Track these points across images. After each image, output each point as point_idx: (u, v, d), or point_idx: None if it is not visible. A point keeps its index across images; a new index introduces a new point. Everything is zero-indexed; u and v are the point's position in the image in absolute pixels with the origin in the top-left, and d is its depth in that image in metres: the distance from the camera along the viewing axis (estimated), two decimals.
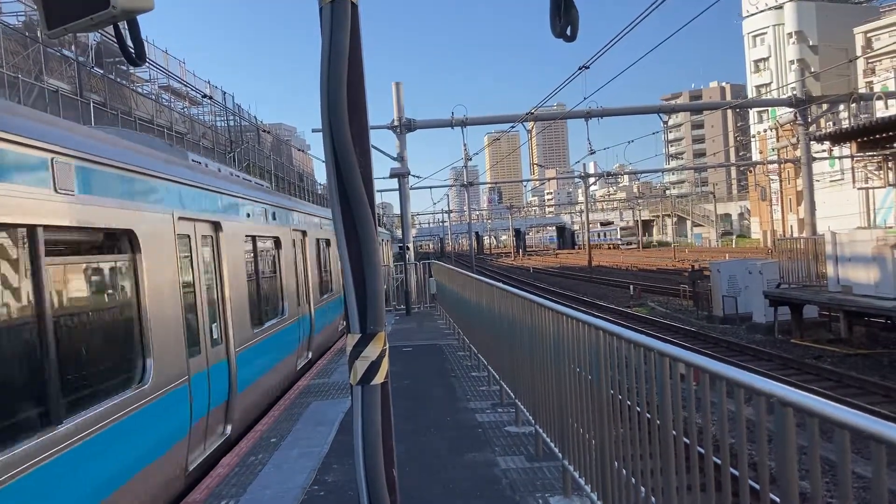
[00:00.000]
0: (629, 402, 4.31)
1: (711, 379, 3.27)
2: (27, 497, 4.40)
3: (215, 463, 7.81)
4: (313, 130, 27.10)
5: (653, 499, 3.99)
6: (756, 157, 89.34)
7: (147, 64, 30.06)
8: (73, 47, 29.41)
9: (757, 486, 3.05)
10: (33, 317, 4.79)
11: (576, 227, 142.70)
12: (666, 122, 32.48)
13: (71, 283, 5.57)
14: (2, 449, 4.26)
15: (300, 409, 9.98)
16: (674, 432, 3.65)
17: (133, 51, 3.54)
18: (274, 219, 12.35)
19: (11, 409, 4.55)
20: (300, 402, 10.52)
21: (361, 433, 2.99)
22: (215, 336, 8.49)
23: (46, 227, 4.97)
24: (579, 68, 18.46)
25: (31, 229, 4.83)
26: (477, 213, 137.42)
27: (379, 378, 3.07)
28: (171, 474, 6.78)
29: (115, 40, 3.63)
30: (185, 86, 37.32)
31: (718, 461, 3.39)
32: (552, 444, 6.30)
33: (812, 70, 71.34)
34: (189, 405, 7.27)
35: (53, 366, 4.84)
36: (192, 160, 10.20)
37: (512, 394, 8.38)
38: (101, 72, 31.65)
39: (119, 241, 6.28)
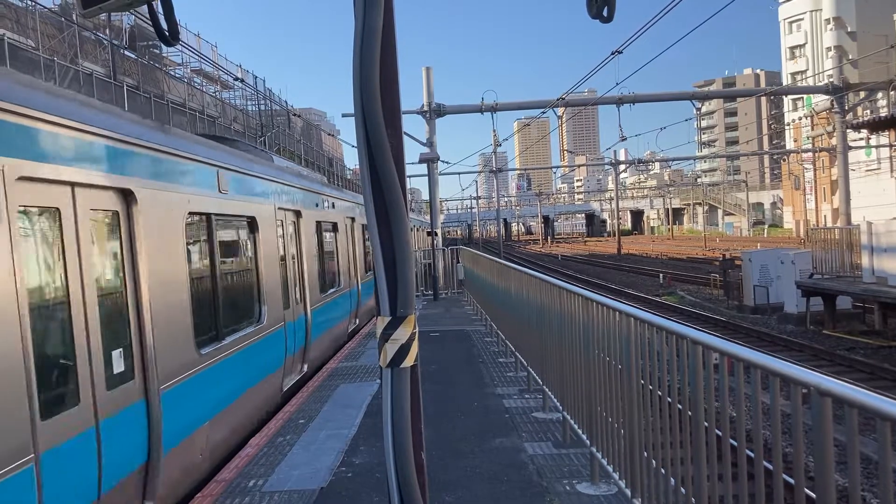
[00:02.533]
0: (660, 393, 4.27)
1: (746, 368, 3.22)
2: (223, 375, 7.43)
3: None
4: (343, 115, 27.13)
5: (682, 489, 3.96)
6: (790, 145, 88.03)
7: (180, 47, 30.31)
8: (107, 31, 29.70)
9: (791, 481, 3.00)
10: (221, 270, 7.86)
11: (605, 214, 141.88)
12: (699, 109, 32.11)
13: (228, 249, 8.51)
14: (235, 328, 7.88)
15: (328, 392, 10.04)
16: (705, 423, 3.60)
17: (167, 31, 3.56)
18: (332, 207, 14.98)
19: (230, 320, 7.93)
20: (328, 384, 10.58)
21: (391, 415, 2.99)
22: (297, 297, 11.15)
23: (216, 215, 7.74)
24: (612, 53, 18.27)
25: (208, 217, 7.57)
26: (505, 199, 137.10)
27: (408, 361, 3.07)
28: (275, 387, 9.69)
29: (149, 22, 3.65)
30: (218, 69, 37.54)
31: (751, 454, 3.34)
32: (580, 431, 6.27)
33: (850, 57, 69.94)
34: (284, 343, 9.97)
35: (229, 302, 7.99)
36: (276, 162, 12.50)
37: (539, 380, 8.36)
38: (135, 55, 31.95)
39: (249, 224, 9.01)
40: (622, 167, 74.06)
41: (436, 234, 24.46)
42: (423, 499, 3.01)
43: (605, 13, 3.28)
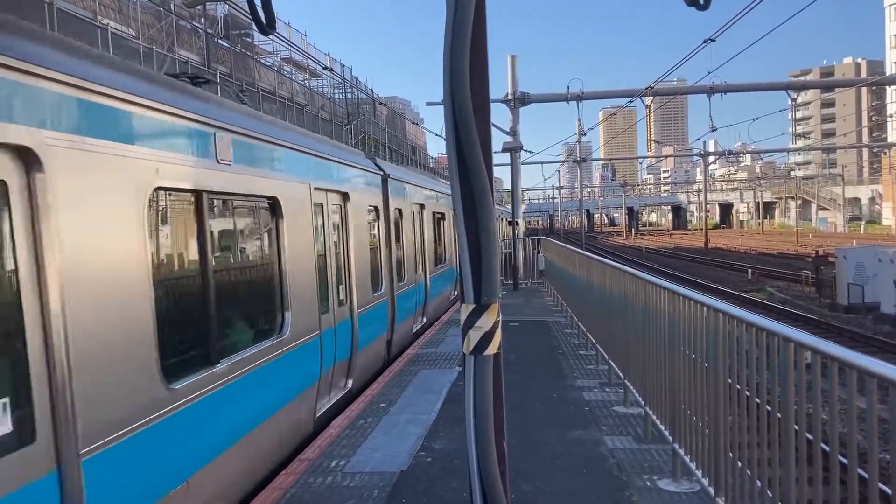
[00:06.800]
0: (748, 393, 4.15)
1: (839, 368, 3.10)
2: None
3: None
4: (427, 104, 27.25)
5: (769, 492, 3.85)
6: (892, 138, 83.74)
7: (271, 36, 31.01)
8: (202, 20, 30.66)
9: (888, 490, 2.88)
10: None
11: (692, 207, 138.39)
12: (794, 100, 30.89)
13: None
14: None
15: (409, 377, 10.17)
16: (795, 426, 3.49)
17: (264, 20, 3.67)
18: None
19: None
20: (409, 369, 10.72)
21: (473, 402, 3.02)
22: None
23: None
24: (704, 41, 17.74)
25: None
26: (588, 189, 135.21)
27: (492, 349, 3.09)
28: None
29: (243, 12, 3.76)
30: (307, 58, 38.27)
31: (844, 460, 3.22)
32: (662, 427, 6.17)
33: None
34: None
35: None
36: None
37: (621, 374, 8.25)
38: (228, 44, 32.88)
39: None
40: (711, 159, 72.01)
41: (517, 224, 24.38)
42: (504, 486, 3.03)
43: (701, 1, 3.20)
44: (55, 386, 3.80)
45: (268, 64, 37.93)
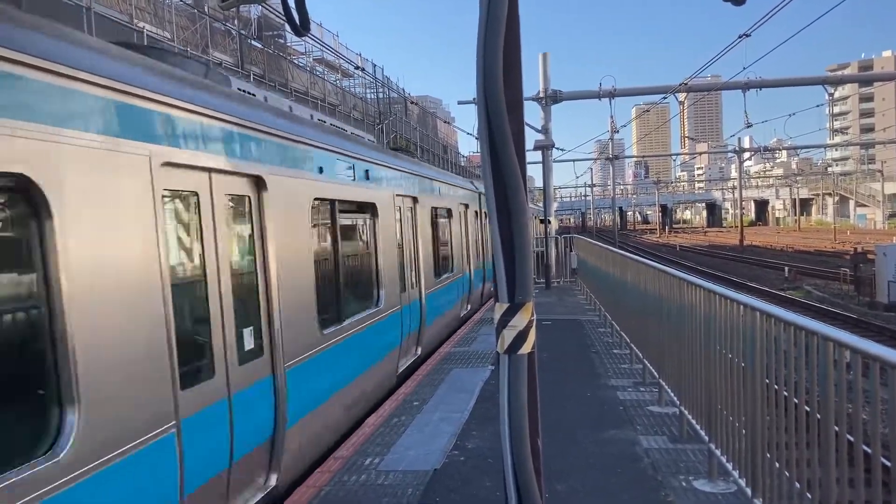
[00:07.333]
0: (786, 393, 4.09)
1: (881, 368, 3.04)
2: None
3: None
4: (459, 102, 27.23)
5: (808, 494, 3.79)
6: None
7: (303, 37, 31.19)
8: (235, 21, 30.98)
9: None
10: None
11: (727, 204, 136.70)
12: (831, 95, 30.40)
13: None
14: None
15: (441, 375, 10.19)
16: (836, 427, 3.43)
17: (298, 22, 3.70)
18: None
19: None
20: (441, 368, 10.73)
21: (507, 401, 3.01)
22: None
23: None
24: (739, 36, 17.49)
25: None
26: (621, 187, 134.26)
27: (526, 348, 3.08)
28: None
29: (276, 14, 3.80)
30: (339, 58, 38.48)
31: (887, 462, 3.16)
32: (697, 427, 6.11)
33: None
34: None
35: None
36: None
37: (656, 373, 8.18)
38: (261, 45, 33.18)
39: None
40: (746, 155, 71.06)
41: (549, 222, 24.29)
42: (538, 484, 3.02)
43: None
44: (273, 326, 6.02)
45: (300, 64, 38.19)
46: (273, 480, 5.95)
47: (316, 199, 7.26)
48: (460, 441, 7.14)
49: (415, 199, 12.14)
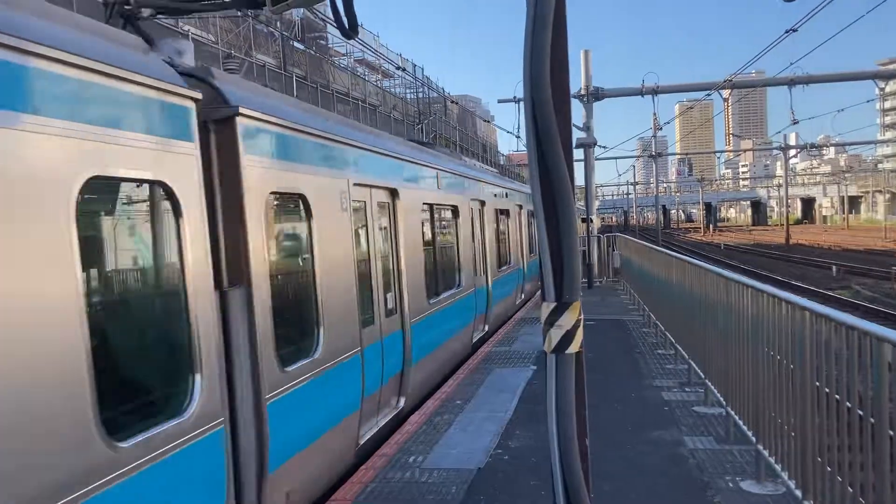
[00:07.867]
0: (837, 397, 4.02)
1: None
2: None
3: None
4: (499, 101, 27.21)
5: (861, 499, 3.72)
6: None
7: (344, 39, 31.41)
8: (278, 24, 31.33)
9: None
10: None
11: (772, 202, 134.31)
12: (882, 89, 29.63)
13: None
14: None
15: (482, 375, 10.20)
16: (890, 431, 3.36)
17: (347, 25, 3.75)
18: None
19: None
20: (482, 368, 10.75)
21: (555, 401, 3.01)
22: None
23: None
24: (786, 31, 17.18)
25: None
26: (664, 185, 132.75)
27: (573, 347, 3.08)
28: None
29: (320, 15, 3.85)
30: (380, 59, 38.67)
31: None
32: (745, 428, 6.04)
33: None
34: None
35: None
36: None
37: (701, 374, 8.10)
38: (303, 47, 33.50)
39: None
40: (792, 152, 69.70)
41: (591, 221, 24.13)
42: (587, 485, 3.02)
43: None
44: (402, 293, 8.50)
45: (341, 65, 38.47)
46: (401, 403, 8.34)
47: (424, 203, 9.92)
48: (503, 440, 7.15)
49: (482, 203, 14.31)
